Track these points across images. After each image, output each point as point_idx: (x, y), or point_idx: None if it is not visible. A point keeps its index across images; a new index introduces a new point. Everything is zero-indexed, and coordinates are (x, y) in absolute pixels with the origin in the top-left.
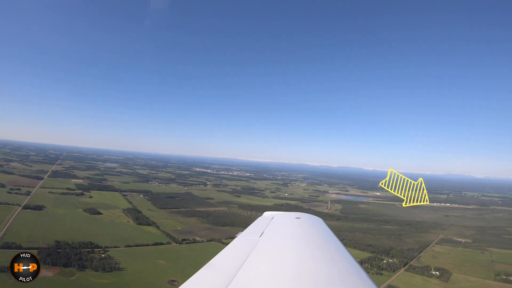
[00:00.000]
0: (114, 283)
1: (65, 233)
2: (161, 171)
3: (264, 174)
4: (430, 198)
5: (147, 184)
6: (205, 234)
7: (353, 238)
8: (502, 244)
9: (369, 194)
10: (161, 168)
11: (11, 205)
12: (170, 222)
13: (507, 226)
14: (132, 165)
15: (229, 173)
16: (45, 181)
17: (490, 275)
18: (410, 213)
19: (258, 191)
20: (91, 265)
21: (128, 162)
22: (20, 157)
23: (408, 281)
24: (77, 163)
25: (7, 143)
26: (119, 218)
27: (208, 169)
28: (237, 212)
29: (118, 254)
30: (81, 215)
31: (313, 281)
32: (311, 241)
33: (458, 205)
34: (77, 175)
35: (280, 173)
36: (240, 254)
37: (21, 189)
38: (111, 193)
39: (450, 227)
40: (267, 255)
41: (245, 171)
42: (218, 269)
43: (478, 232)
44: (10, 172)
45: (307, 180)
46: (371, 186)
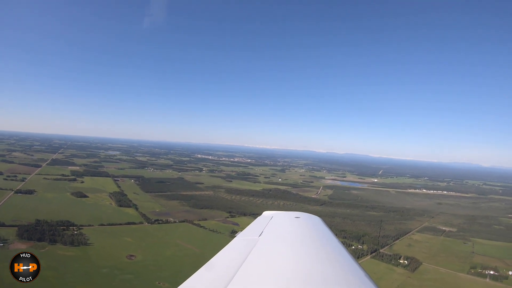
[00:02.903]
0: (77, 255)
1: (48, 213)
2: (161, 158)
3: (266, 161)
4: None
5: (143, 170)
6: (180, 215)
7: (331, 223)
8: (488, 235)
9: (366, 180)
10: (163, 155)
11: (4, 190)
12: (150, 205)
13: (500, 216)
14: (134, 153)
15: (230, 159)
16: (43, 168)
17: (464, 267)
18: (402, 200)
19: (252, 177)
20: (62, 240)
21: (130, 150)
22: (24, 147)
23: (370, 269)
24: (79, 151)
25: (12, 134)
26: (103, 201)
27: (210, 155)
28: (222, 196)
29: (91, 232)
30: (68, 198)
31: (312, 280)
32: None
33: (455, 193)
34: (76, 162)
35: (283, 159)
36: (239, 253)
37: (18, 176)
38: (104, 178)
39: (439, 215)
40: (266, 255)
41: (248, 157)
42: (217, 268)
43: (466, 221)
44: (11, 161)
45: (307, 166)
46: (372, 172)
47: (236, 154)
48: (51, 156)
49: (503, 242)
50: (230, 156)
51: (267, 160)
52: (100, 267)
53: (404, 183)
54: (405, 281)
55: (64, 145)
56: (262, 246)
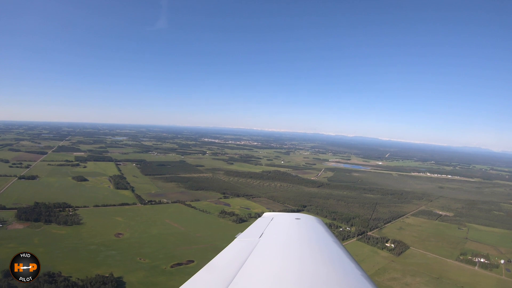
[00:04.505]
0: (69, 234)
1: (47, 196)
2: (167, 142)
3: (272, 143)
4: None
5: (146, 154)
6: (174, 196)
7: (324, 204)
8: (486, 221)
9: (371, 163)
10: (169, 139)
11: (8, 177)
12: (147, 187)
13: (502, 202)
14: (140, 138)
15: (237, 142)
16: (48, 155)
17: (454, 253)
18: (403, 183)
19: (255, 159)
20: (57, 220)
21: (138, 135)
22: (32, 136)
23: (353, 251)
24: (86, 138)
25: (22, 124)
26: (102, 183)
27: (217, 139)
28: (220, 178)
29: (85, 212)
30: (69, 182)
31: (312, 282)
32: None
33: (460, 177)
34: (81, 148)
35: (290, 142)
36: (239, 255)
37: (23, 164)
38: (106, 163)
39: (438, 199)
40: (267, 256)
41: (255, 140)
42: (218, 270)
43: (465, 206)
44: (18, 150)
45: (313, 149)
46: (378, 155)
47: (244, 137)
48: (57, 143)
49: (500, 228)
50: (237, 139)
51: (274, 143)
52: (88, 244)
53: (409, 166)
54: (387, 265)
55: (73, 133)
56: (263, 247)
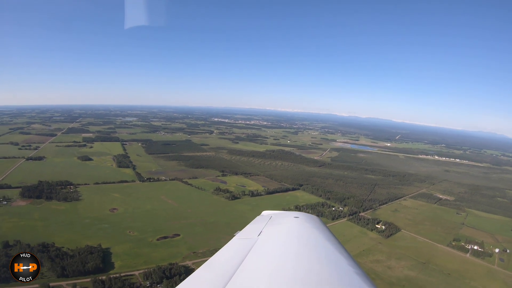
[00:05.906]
0: (67, 209)
1: (51, 175)
2: (176, 122)
3: (282, 123)
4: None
5: (154, 134)
6: (173, 174)
7: (321, 183)
8: (487, 207)
9: (379, 144)
10: (179, 119)
11: (17, 158)
12: (149, 165)
13: (507, 189)
14: (150, 118)
15: (246, 122)
16: (57, 137)
17: (447, 238)
18: (408, 165)
19: (261, 138)
20: (57, 197)
21: (148, 116)
22: (43, 119)
23: (341, 231)
24: (97, 119)
25: (34, 108)
26: (106, 162)
27: (227, 119)
28: (222, 156)
29: (85, 189)
30: (74, 161)
31: (310, 280)
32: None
33: (469, 161)
34: (90, 130)
35: (301, 122)
36: (238, 253)
37: (32, 146)
38: (113, 143)
39: (442, 182)
40: (265, 255)
41: (266, 120)
42: (216, 268)
43: (468, 191)
44: (28, 133)
45: (323, 129)
46: (388, 137)
47: (255, 117)
48: (67, 125)
49: (501, 216)
50: (247, 119)
51: (284, 122)
52: (84, 218)
53: (417, 149)
54: (373, 247)
55: (84, 115)
56: (261, 245)
